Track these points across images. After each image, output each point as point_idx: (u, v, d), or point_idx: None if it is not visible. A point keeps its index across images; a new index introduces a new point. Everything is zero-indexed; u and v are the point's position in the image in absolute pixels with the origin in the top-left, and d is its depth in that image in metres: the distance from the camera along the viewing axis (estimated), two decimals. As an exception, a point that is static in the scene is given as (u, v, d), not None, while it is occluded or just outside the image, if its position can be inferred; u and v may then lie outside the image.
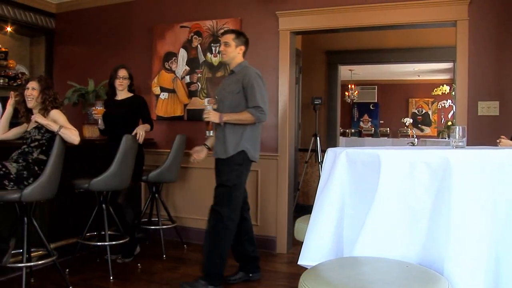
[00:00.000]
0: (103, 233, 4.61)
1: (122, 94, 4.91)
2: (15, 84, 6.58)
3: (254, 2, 5.45)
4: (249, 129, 4.07)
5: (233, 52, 4.16)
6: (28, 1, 6.54)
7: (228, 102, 4.13)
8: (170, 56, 5.78)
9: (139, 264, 4.73)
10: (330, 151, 2.33)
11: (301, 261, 2.24)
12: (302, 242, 2.31)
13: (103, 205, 4.51)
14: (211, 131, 4.16)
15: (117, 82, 4.87)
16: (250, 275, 4.37)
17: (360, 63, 9.06)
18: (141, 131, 4.65)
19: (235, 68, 4.19)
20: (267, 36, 5.39)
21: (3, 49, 6.62)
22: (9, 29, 6.52)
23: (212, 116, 4.05)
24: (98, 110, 4.87)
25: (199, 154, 4.41)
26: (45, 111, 4.06)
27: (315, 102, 7.10)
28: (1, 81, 6.45)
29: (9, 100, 4.26)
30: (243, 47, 4.20)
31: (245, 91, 4.03)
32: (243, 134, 4.04)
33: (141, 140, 4.62)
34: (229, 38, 4.16)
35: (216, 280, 4.02)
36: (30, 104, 4.08)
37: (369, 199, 2.02)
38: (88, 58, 6.55)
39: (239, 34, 4.20)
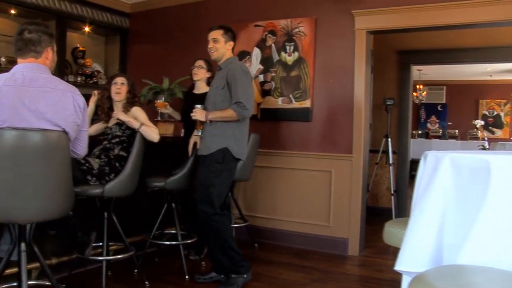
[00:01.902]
0: (166, 231, 4.76)
1: (199, 87, 4.93)
2: (91, 82, 6.79)
3: (330, 0, 5.38)
4: (234, 126, 3.98)
5: (223, 48, 4.07)
6: (105, 2, 6.75)
7: (213, 98, 4.08)
8: (244, 55, 5.80)
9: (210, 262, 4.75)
10: (430, 155, 2.24)
11: (399, 267, 2.17)
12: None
13: (173, 204, 4.55)
14: (200, 130, 4.10)
15: (193, 72, 4.93)
16: (222, 276, 4.22)
17: (433, 63, 8.79)
18: None
19: (222, 64, 4.11)
20: (342, 36, 5.31)
21: (81, 48, 6.86)
22: (86, 29, 6.76)
23: (198, 114, 4.01)
24: (159, 103, 4.95)
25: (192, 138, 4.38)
26: (128, 108, 4.16)
27: (387, 103, 6.95)
28: (79, 79, 6.67)
29: (91, 97, 4.38)
30: (232, 43, 4.12)
31: (229, 86, 3.95)
32: (226, 131, 3.96)
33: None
34: (218, 34, 4.07)
35: (242, 267, 4.02)
36: (118, 97, 4.18)
37: (476, 205, 1.93)
38: (161, 56, 6.67)
39: (227, 30, 4.10)
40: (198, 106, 4.07)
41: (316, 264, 4.88)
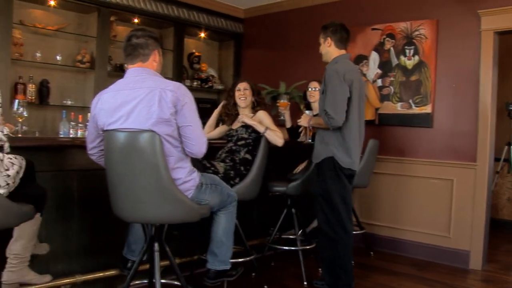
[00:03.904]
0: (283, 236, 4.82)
1: (316, 108, 4.86)
2: (206, 86, 6.97)
3: (453, 1, 5.14)
4: (338, 134, 3.74)
5: (324, 49, 3.89)
6: (220, 8, 6.92)
7: (319, 102, 3.87)
8: (361, 59, 5.68)
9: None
10: None
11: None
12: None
13: (293, 209, 4.52)
14: (309, 137, 3.99)
15: (308, 94, 4.94)
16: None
17: None
18: None
19: (327, 66, 3.85)
20: (467, 37, 5.04)
21: (196, 54, 7.07)
22: (202, 34, 6.94)
23: (302, 120, 3.95)
24: (282, 103, 4.95)
25: None
26: (253, 112, 4.21)
27: (510, 108, 6.56)
28: (195, 83, 6.87)
29: (217, 108, 4.50)
30: (329, 39, 3.84)
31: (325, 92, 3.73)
32: (330, 139, 3.76)
33: None
34: (319, 37, 3.92)
35: None
36: (243, 103, 4.24)
37: None
38: (275, 61, 6.73)
39: (324, 28, 3.89)
40: (307, 112, 4.03)
41: (437, 277, 4.67)
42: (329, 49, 3.87)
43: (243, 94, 4.24)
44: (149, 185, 2.69)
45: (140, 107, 2.72)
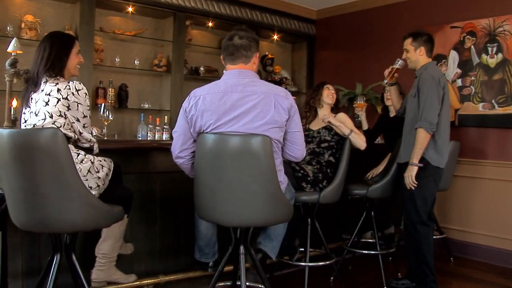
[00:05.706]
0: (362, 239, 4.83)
1: (393, 110, 4.76)
2: (279, 89, 6.96)
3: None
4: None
5: (414, 57, 3.94)
6: (292, 10, 6.91)
7: (408, 107, 3.97)
8: (440, 58, 5.48)
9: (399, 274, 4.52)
10: None
11: None
12: None
13: (372, 212, 4.41)
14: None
15: (385, 96, 4.93)
16: (414, 284, 4.02)
17: None
18: None
19: (417, 72, 3.93)
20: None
21: (270, 56, 7.08)
22: (275, 37, 6.94)
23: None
24: (359, 104, 4.89)
25: None
26: (332, 113, 4.20)
27: None
28: (268, 86, 6.87)
29: None
30: (422, 48, 3.91)
31: (418, 96, 3.78)
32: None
33: None
34: (407, 43, 3.96)
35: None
36: (331, 100, 4.23)
37: None
38: (350, 62, 6.63)
39: (416, 36, 3.94)
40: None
41: (530, 288, 4.43)
42: (420, 58, 3.94)
43: (333, 93, 4.26)
44: (260, 189, 2.65)
45: (255, 111, 2.72)
